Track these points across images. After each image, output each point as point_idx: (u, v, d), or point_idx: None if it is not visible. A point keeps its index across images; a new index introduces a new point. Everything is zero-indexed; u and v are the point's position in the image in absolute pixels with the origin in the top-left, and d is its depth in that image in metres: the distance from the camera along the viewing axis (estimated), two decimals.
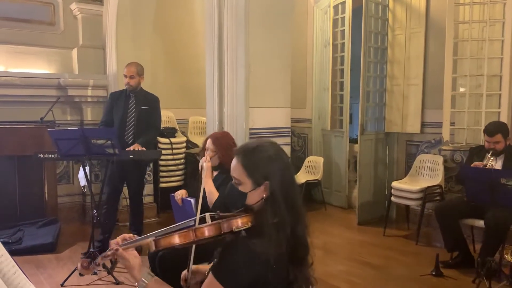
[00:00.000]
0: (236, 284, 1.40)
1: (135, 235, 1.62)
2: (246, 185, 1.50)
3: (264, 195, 1.47)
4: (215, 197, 2.74)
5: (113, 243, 1.55)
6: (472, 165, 3.77)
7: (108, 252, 1.52)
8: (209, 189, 2.79)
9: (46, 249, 4.20)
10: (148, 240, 1.49)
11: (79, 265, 1.57)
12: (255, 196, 1.49)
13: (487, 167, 3.68)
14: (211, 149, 2.92)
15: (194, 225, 1.54)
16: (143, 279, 1.49)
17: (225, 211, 1.56)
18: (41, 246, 4.19)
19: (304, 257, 1.52)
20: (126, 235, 1.57)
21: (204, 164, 2.76)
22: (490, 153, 3.74)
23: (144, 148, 4.05)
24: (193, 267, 1.76)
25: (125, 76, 4.23)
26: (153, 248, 1.48)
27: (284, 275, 1.46)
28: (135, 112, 4.27)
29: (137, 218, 4.38)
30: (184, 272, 1.75)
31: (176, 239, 1.47)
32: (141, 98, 4.31)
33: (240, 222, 1.46)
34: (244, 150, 1.54)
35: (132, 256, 1.51)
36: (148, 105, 4.31)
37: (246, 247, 1.40)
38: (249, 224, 1.46)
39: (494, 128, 3.77)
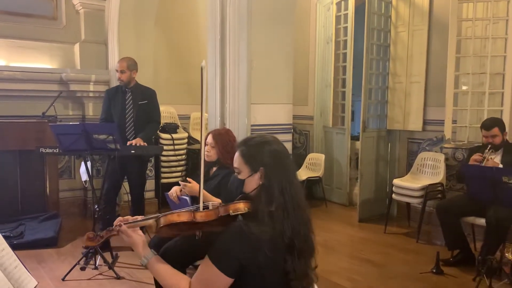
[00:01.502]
0: (227, 263, 1.44)
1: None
2: (243, 173, 1.58)
3: (261, 182, 1.54)
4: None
5: (117, 221, 1.64)
6: (471, 158, 3.81)
7: (113, 227, 1.61)
8: (210, 201, 2.75)
9: (48, 243, 4.21)
10: (150, 220, 1.61)
11: (85, 236, 1.66)
12: (252, 183, 1.56)
13: (487, 159, 3.71)
14: (210, 143, 2.93)
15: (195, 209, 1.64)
16: (145, 256, 1.57)
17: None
18: (42, 241, 4.21)
19: (306, 252, 1.55)
20: (130, 217, 1.67)
21: (188, 188, 2.78)
22: (488, 148, 3.78)
23: (145, 144, 4.06)
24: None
25: (117, 71, 4.24)
26: (154, 227, 1.58)
27: (280, 263, 1.49)
28: (133, 107, 4.25)
29: (138, 213, 4.37)
30: None
31: (175, 217, 1.56)
32: (138, 92, 4.29)
33: (237, 207, 1.53)
34: (245, 141, 1.63)
35: (136, 233, 1.61)
36: (146, 100, 4.30)
37: (238, 228, 1.46)
38: (246, 210, 1.53)
39: (491, 122, 3.86)
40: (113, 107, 4.30)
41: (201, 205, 1.69)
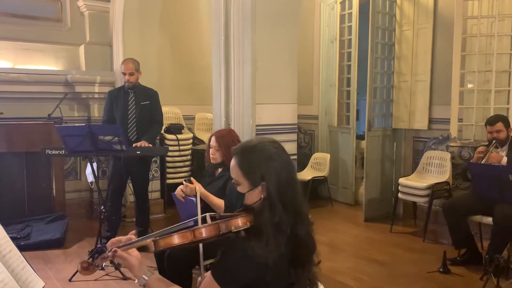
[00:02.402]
0: (233, 284, 1.40)
1: (137, 234, 1.61)
2: (243, 186, 1.49)
3: (262, 196, 1.46)
4: (222, 206, 2.72)
5: (110, 244, 1.54)
6: (476, 150, 3.86)
7: (108, 253, 1.52)
8: (212, 202, 2.75)
9: (54, 244, 4.23)
10: (148, 241, 1.51)
11: (79, 266, 1.56)
12: (253, 196, 1.48)
13: (490, 152, 3.74)
14: (214, 146, 2.93)
15: (194, 225, 1.56)
16: (143, 275, 1.49)
17: (231, 211, 1.57)
18: (49, 242, 4.23)
19: (307, 257, 1.51)
20: (123, 238, 1.55)
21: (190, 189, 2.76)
22: (493, 142, 3.81)
23: (150, 145, 4.07)
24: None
25: (124, 74, 4.22)
26: (153, 249, 1.50)
27: (285, 277, 1.45)
28: (135, 108, 4.26)
29: (143, 214, 4.39)
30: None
31: (175, 240, 1.49)
32: (140, 93, 4.29)
33: (239, 223, 1.46)
34: (242, 150, 1.52)
35: (132, 255, 1.51)
36: (148, 100, 4.30)
37: (243, 248, 1.40)
38: (248, 225, 1.46)
39: (495, 118, 3.91)
40: (116, 108, 4.30)
41: (199, 216, 1.64)
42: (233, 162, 1.51)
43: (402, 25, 5.30)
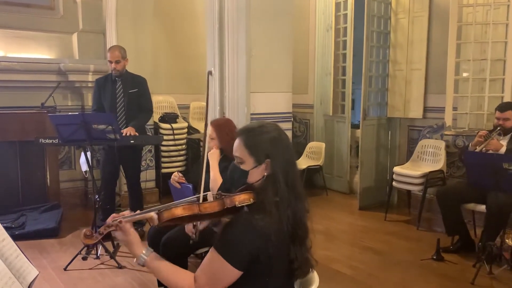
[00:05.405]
0: (237, 256, 1.44)
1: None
2: (248, 163, 1.55)
3: (266, 173, 1.52)
4: (218, 184, 2.73)
5: (111, 218, 1.55)
6: (477, 134, 3.86)
7: (112, 222, 1.53)
8: (214, 176, 2.77)
9: (49, 234, 4.22)
10: (151, 213, 1.53)
11: (82, 234, 1.57)
12: (256, 174, 1.54)
13: (491, 138, 3.74)
14: (210, 135, 2.91)
15: (197, 201, 1.60)
16: (143, 252, 1.52)
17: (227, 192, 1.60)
18: (44, 231, 4.22)
19: (304, 238, 1.56)
20: (126, 212, 1.59)
21: (212, 151, 2.85)
22: (497, 129, 3.81)
23: (137, 133, 4.01)
24: None
25: (110, 61, 4.13)
26: (156, 221, 1.52)
27: (286, 253, 1.50)
28: (123, 96, 4.18)
29: (136, 202, 4.36)
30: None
31: (180, 211, 1.52)
32: (128, 81, 4.21)
33: (242, 198, 1.51)
34: (247, 130, 1.59)
35: (133, 232, 1.54)
36: (136, 88, 4.22)
37: (247, 221, 1.45)
38: (251, 201, 1.51)
39: (506, 105, 3.89)
40: (103, 97, 4.22)
41: (201, 195, 1.66)
42: (237, 142, 1.58)
43: (398, 13, 5.27)
